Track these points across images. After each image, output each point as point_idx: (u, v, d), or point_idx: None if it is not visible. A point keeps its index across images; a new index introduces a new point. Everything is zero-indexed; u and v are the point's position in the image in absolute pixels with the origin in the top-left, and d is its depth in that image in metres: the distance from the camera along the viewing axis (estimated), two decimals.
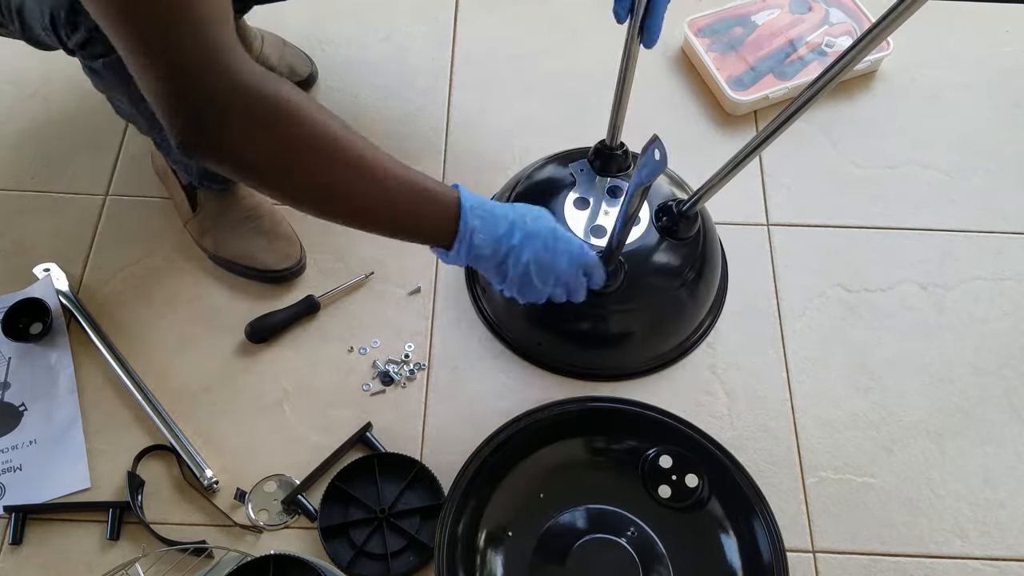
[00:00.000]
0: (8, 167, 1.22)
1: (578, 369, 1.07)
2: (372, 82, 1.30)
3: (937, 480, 1.02)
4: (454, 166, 1.23)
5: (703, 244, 1.04)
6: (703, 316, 1.09)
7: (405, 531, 0.96)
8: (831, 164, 1.25)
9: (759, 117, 1.28)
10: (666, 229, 1.01)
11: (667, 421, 1.00)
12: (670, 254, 1.01)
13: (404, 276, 1.14)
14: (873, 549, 0.98)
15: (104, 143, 1.24)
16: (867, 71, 1.32)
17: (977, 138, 1.28)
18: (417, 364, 1.08)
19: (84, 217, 1.18)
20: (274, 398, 1.05)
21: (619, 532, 0.96)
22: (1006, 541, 0.99)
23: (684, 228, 1.01)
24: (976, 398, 1.08)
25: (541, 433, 0.99)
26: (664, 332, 1.06)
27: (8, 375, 1.05)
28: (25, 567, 0.95)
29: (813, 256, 1.17)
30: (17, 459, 1.00)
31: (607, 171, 1.04)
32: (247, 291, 1.12)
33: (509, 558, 0.94)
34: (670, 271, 1.01)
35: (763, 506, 0.95)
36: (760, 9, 1.35)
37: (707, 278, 1.07)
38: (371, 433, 1.02)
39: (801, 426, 1.05)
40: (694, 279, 1.03)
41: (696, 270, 1.03)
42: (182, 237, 1.16)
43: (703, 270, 1.05)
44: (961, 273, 1.17)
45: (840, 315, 1.13)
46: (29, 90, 1.28)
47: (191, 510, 0.98)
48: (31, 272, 1.12)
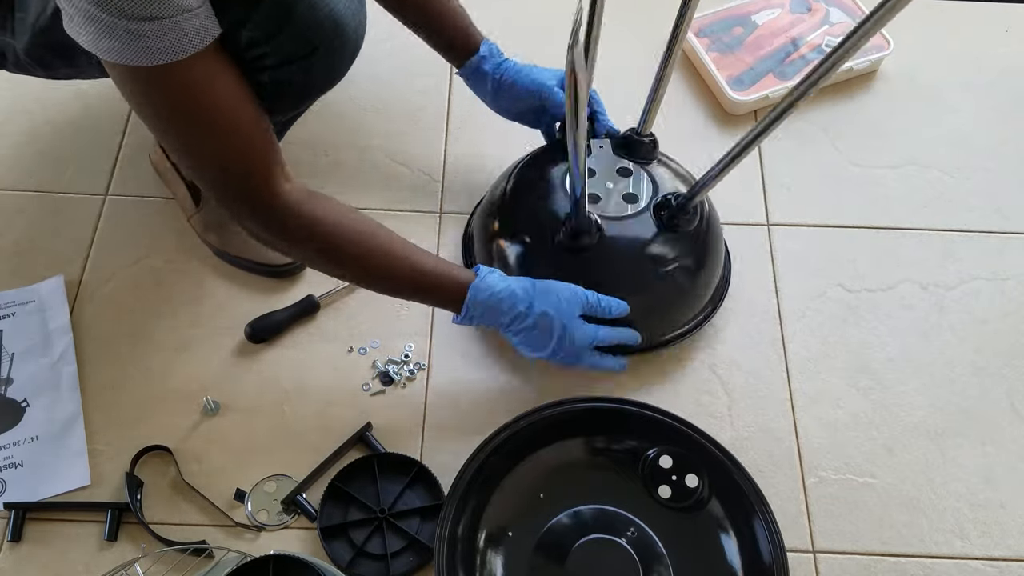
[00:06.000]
0: (8, 167, 1.22)
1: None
2: (372, 82, 1.30)
3: (937, 480, 1.02)
4: (454, 166, 1.23)
5: (705, 235, 1.04)
6: (703, 304, 1.08)
7: (405, 531, 0.96)
8: (831, 164, 1.25)
9: (759, 117, 1.28)
10: (666, 221, 1.01)
11: (667, 421, 1.00)
12: (668, 244, 1.01)
13: None
14: (873, 549, 0.98)
15: (104, 143, 1.24)
16: (867, 71, 1.32)
17: (977, 138, 1.28)
18: (417, 364, 1.08)
19: (84, 217, 1.18)
20: (274, 398, 1.05)
21: (619, 532, 0.96)
22: (1006, 541, 0.99)
23: (684, 221, 1.01)
24: (976, 398, 1.08)
25: (541, 433, 0.99)
26: (660, 316, 1.06)
27: (11, 371, 1.05)
28: (24, 566, 0.95)
29: (813, 256, 1.17)
30: (18, 455, 1.00)
31: (630, 156, 1.06)
32: (247, 291, 1.12)
33: (509, 558, 0.94)
34: (666, 259, 1.01)
35: (763, 506, 0.95)
36: (760, 9, 1.35)
37: (709, 267, 1.06)
38: (371, 433, 1.02)
39: (801, 426, 1.05)
40: (693, 267, 1.04)
41: (695, 259, 1.03)
42: (182, 237, 1.16)
43: (704, 259, 1.05)
44: (961, 273, 1.17)
45: (840, 315, 1.13)
46: (28, 90, 1.28)
47: (191, 510, 0.98)
48: (31, 272, 1.12)
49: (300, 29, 0.80)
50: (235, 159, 0.79)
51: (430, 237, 1.17)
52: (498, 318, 0.94)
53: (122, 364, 1.07)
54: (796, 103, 0.81)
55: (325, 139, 1.25)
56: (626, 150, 1.06)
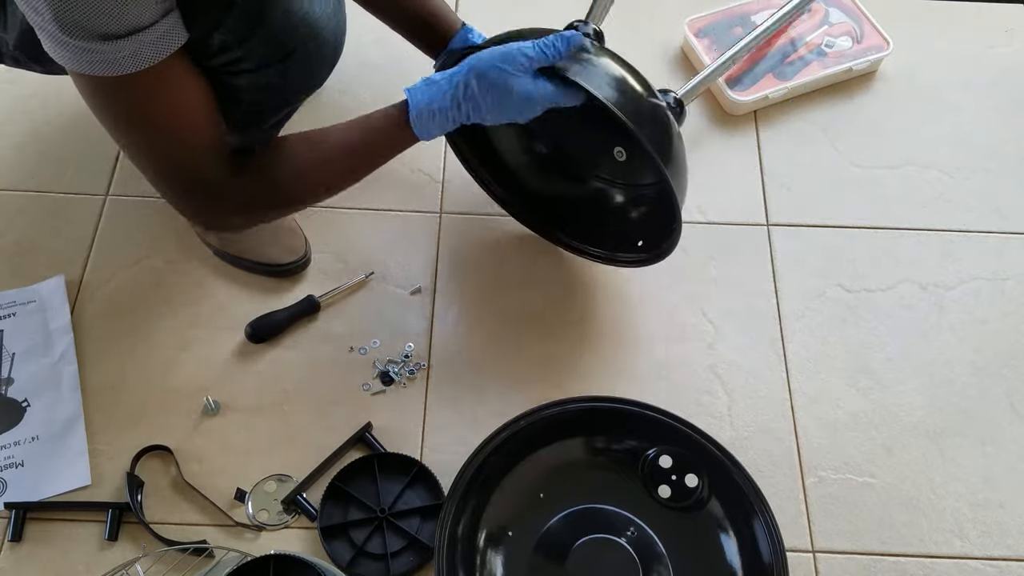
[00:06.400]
0: (8, 167, 1.22)
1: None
2: (372, 82, 1.30)
3: (937, 480, 1.02)
4: (454, 164, 1.23)
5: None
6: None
7: (405, 531, 0.96)
8: (831, 164, 1.25)
9: (759, 117, 1.28)
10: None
11: (667, 421, 1.00)
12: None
13: (404, 276, 1.14)
14: (873, 549, 0.98)
15: (104, 143, 1.23)
16: (867, 71, 1.32)
17: (977, 138, 1.28)
18: (417, 364, 1.08)
19: (84, 217, 1.18)
20: (274, 398, 1.05)
21: (619, 532, 0.96)
22: (1006, 541, 0.99)
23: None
24: (976, 398, 1.08)
25: (541, 433, 0.99)
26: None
27: (12, 371, 1.06)
28: (24, 566, 0.95)
29: (813, 256, 1.18)
30: (19, 455, 1.00)
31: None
32: (247, 291, 1.12)
33: (509, 558, 0.94)
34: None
35: (763, 506, 0.95)
36: (760, 9, 1.35)
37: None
38: (371, 433, 1.02)
39: (801, 426, 1.05)
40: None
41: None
42: (182, 238, 1.16)
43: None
44: (960, 273, 1.17)
45: (840, 315, 1.13)
46: (29, 90, 1.28)
47: (191, 510, 0.98)
48: (32, 272, 1.12)
49: (274, 32, 0.81)
50: (177, 162, 0.82)
51: (430, 237, 1.17)
52: (448, 113, 0.86)
53: (122, 364, 1.07)
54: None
55: None
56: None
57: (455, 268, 1.15)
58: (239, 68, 0.82)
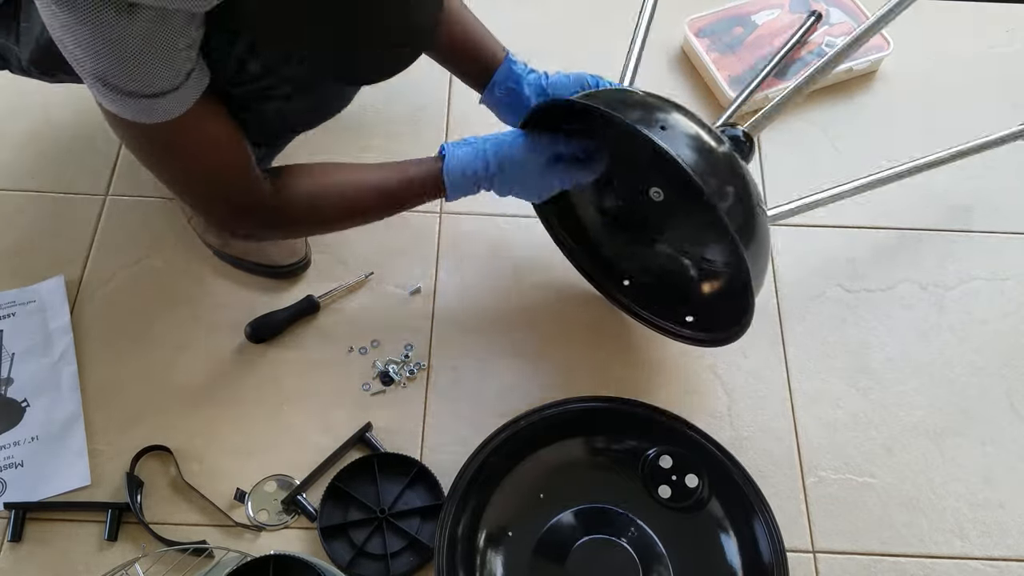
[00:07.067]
0: (8, 167, 1.22)
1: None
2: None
3: (937, 480, 1.02)
4: None
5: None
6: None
7: (405, 531, 0.96)
8: (831, 164, 1.25)
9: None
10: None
11: (667, 421, 1.00)
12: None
13: (404, 276, 1.14)
14: (873, 549, 0.98)
15: (104, 143, 1.24)
16: (867, 71, 1.32)
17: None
18: (417, 364, 1.08)
19: (84, 217, 1.18)
20: (274, 398, 1.05)
21: (619, 532, 0.96)
22: (1006, 541, 0.99)
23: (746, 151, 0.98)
24: (976, 398, 1.08)
25: (541, 433, 0.99)
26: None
27: (11, 371, 1.06)
28: (24, 566, 0.95)
29: (813, 256, 1.17)
30: (19, 455, 1.00)
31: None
32: (247, 291, 1.12)
33: (509, 558, 0.94)
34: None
35: (763, 506, 0.95)
36: (760, 9, 1.35)
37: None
38: (371, 433, 1.02)
39: (801, 426, 1.05)
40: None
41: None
42: (182, 238, 1.16)
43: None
44: (960, 273, 1.17)
45: (840, 315, 1.13)
46: (29, 90, 1.27)
47: (191, 510, 0.98)
48: (32, 272, 1.12)
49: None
50: (217, 184, 0.85)
51: (430, 237, 1.17)
52: (479, 183, 0.93)
53: (122, 364, 1.07)
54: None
55: (325, 140, 1.24)
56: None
57: (455, 268, 1.15)
58: (272, 94, 0.83)
